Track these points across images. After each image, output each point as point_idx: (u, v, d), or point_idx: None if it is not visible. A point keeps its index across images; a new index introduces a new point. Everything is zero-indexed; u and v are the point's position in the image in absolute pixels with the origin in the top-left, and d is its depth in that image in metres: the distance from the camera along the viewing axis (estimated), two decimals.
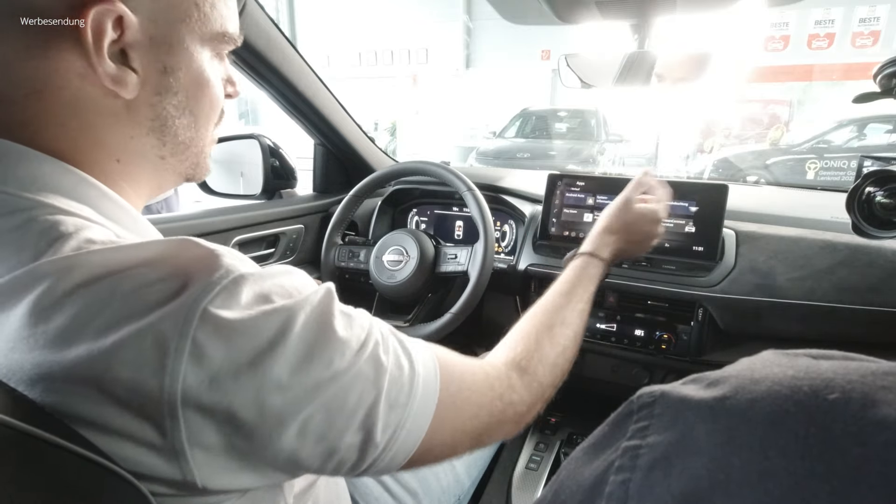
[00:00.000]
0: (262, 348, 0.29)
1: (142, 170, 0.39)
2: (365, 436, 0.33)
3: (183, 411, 0.27)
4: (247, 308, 0.29)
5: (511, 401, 0.44)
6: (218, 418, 0.28)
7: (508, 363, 0.48)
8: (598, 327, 0.96)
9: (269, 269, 0.32)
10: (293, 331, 0.30)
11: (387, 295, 0.93)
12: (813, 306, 0.78)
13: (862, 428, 0.15)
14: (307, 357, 0.30)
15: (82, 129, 0.35)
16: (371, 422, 0.33)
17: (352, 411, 0.32)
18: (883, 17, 6.59)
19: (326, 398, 0.31)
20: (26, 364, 0.27)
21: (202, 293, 0.28)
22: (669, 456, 0.18)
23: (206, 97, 0.40)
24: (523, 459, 0.95)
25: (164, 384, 0.26)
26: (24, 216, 0.31)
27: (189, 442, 0.27)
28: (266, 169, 1.10)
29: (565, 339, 0.55)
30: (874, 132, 4.98)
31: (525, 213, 1.05)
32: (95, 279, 0.28)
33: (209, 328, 0.27)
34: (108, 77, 0.34)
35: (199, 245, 0.31)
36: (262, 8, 0.85)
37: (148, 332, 0.27)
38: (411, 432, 0.35)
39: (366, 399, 0.33)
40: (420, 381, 0.36)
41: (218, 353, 0.27)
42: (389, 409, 0.34)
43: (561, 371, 0.53)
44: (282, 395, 0.29)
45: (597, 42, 1.09)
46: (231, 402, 0.28)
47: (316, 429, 0.31)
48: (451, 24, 9.11)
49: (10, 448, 0.23)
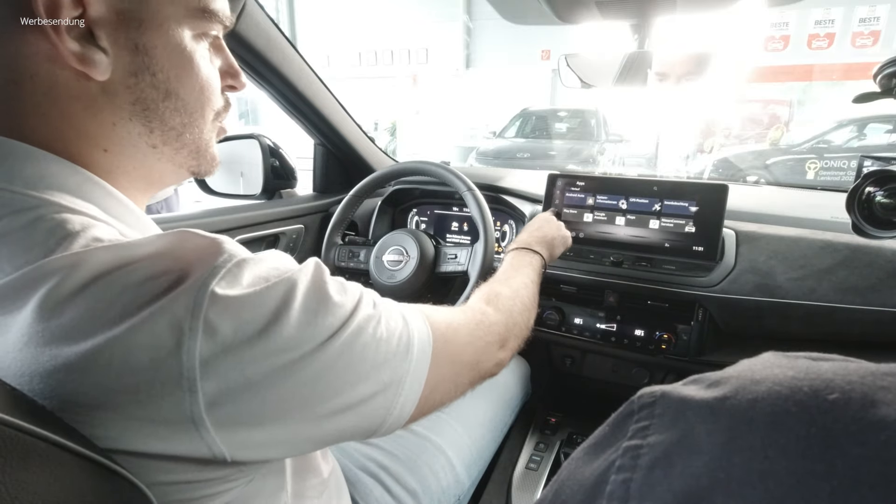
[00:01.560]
0: (268, 318, 0.30)
1: (134, 161, 0.38)
2: (374, 386, 0.35)
3: (202, 384, 0.28)
4: (250, 286, 0.31)
5: (490, 322, 0.51)
6: (235, 387, 0.29)
7: (477, 299, 0.57)
8: (598, 327, 0.96)
9: (262, 254, 0.34)
10: (295, 299, 0.32)
11: (387, 295, 0.92)
12: (813, 306, 0.79)
13: (862, 428, 0.15)
14: (309, 320, 0.32)
15: (63, 118, 0.34)
16: (377, 371, 0.35)
17: (357, 365, 0.34)
18: (883, 17, 6.59)
19: (332, 355, 0.33)
20: (42, 357, 0.27)
21: (209, 276, 0.29)
22: (670, 455, 0.18)
23: (191, 79, 0.38)
24: (523, 459, 0.95)
25: (183, 361, 0.28)
26: (31, 215, 0.31)
27: (208, 413, 0.28)
28: (266, 169, 1.10)
29: (516, 288, 0.63)
30: (874, 132, 4.98)
31: (525, 213, 1.05)
32: (105, 274, 0.29)
33: (219, 307, 0.29)
34: (73, 57, 0.32)
35: (200, 235, 0.32)
36: (262, 8, 0.85)
37: (162, 316, 0.28)
38: (415, 374, 0.38)
39: (368, 352, 0.35)
40: (413, 327, 0.39)
41: (229, 328, 0.29)
42: (392, 356, 0.36)
43: (521, 307, 0.60)
44: (291, 354, 0.31)
45: (597, 42, 1.09)
46: (245, 367, 0.29)
47: (326, 385, 0.33)
48: (451, 24, 9.11)
49: (10, 448, 0.23)
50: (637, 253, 0.93)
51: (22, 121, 0.34)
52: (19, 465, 0.23)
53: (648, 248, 0.92)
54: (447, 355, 0.42)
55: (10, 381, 0.28)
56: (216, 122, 0.44)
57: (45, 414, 0.27)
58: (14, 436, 0.23)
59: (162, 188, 0.44)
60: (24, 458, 0.23)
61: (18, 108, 0.34)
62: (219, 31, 0.41)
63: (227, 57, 0.44)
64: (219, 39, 0.43)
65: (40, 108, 0.34)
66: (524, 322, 0.60)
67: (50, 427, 0.25)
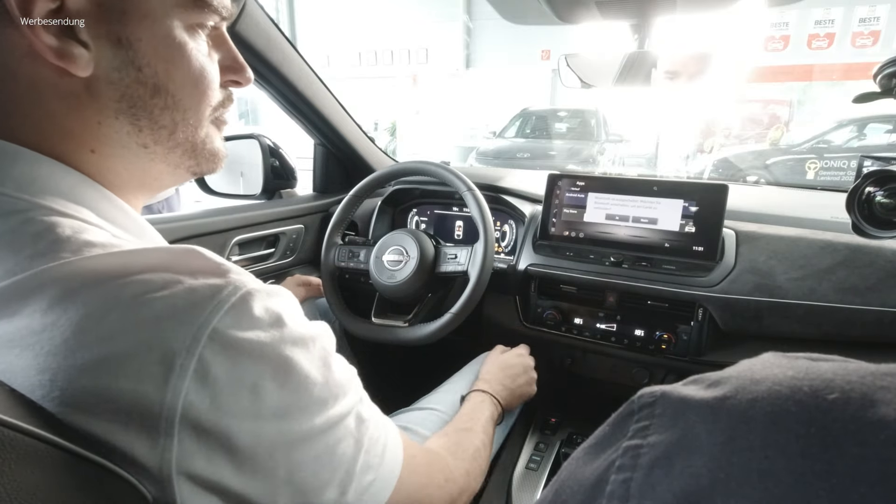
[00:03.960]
0: (266, 375, 0.29)
1: (124, 161, 0.36)
2: (340, 493, 0.33)
3: (180, 428, 0.26)
4: (255, 328, 0.29)
5: (449, 476, 0.49)
6: (212, 442, 0.27)
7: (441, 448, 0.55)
8: (598, 327, 0.96)
9: (274, 288, 0.32)
10: (300, 365, 0.30)
11: (387, 295, 0.93)
12: (813, 306, 0.79)
13: (861, 427, 0.15)
14: (308, 396, 0.31)
15: (46, 117, 0.33)
16: (348, 479, 0.34)
17: (336, 466, 0.33)
18: (883, 17, 6.59)
19: (318, 448, 0.31)
20: (31, 370, 0.27)
21: (213, 311, 0.28)
22: (670, 455, 0.18)
23: (181, 73, 0.36)
24: (523, 459, 0.95)
25: (166, 399, 0.26)
26: (20, 217, 0.30)
27: (178, 467, 0.27)
28: (266, 169, 1.10)
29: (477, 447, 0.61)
30: (874, 132, 4.98)
31: (525, 213, 1.05)
32: (97, 283, 0.27)
33: (217, 347, 0.27)
34: (50, 52, 0.30)
35: (206, 257, 0.31)
36: (262, 8, 0.85)
37: (155, 345, 0.26)
38: (377, 496, 0.37)
39: (348, 456, 0.34)
40: (389, 447, 0.38)
41: (222, 374, 0.27)
42: (366, 468, 0.35)
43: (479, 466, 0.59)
44: (278, 426, 0.29)
45: (597, 42, 1.09)
46: (229, 424, 0.28)
47: (301, 477, 0.31)
48: (451, 24, 9.11)
49: (10, 448, 0.23)
50: (637, 253, 0.93)
51: (9, 121, 0.33)
52: (18, 466, 0.23)
53: (648, 248, 0.92)
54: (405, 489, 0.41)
55: None
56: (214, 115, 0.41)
57: (45, 414, 0.26)
58: (13, 436, 0.23)
59: (160, 191, 0.42)
60: (24, 458, 0.23)
61: (4, 109, 0.32)
62: (217, 22, 0.38)
63: (229, 50, 0.41)
64: (219, 31, 0.40)
65: (23, 107, 0.32)
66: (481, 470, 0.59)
67: (49, 427, 0.25)
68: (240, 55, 0.42)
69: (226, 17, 0.38)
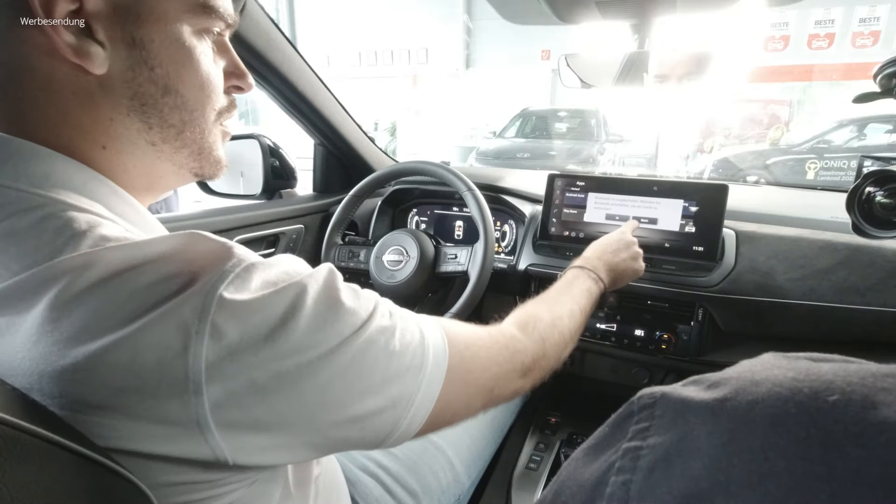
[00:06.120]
0: (276, 322, 0.30)
1: (133, 158, 0.38)
2: (383, 400, 0.34)
3: (207, 386, 0.28)
4: (258, 290, 0.30)
5: (516, 349, 0.48)
6: (239, 391, 0.29)
7: (510, 322, 0.52)
8: (598, 327, 0.96)
9: (274, 259, 0.34)
10: (304, 304, 0.32)
11: (387, 295, 0.92)
12: (813, 306, 0.78)
13: (862, 429, 0.15)
14: (319, 325, 0.32)
15: (60, 114, 0.34)
16: (387, 385, 0.34)
17: (367, 376, 0.33)
18: (883, 17, 6.59)
19: (341, 364, 0.32)
20: (51, 356, 0.27)
21: (218, 281, 0.29)
22: (670, 457, 0.18)
23: (190, 75, 0.38)
24: (523, 459, 0.95)
25: (189, 363, 0.28)
26: (38, 213, 0.31)
27: (213, 416, 0.28)
28: (266, 169, 1.10)
29: (560, 316, 0.57)
30: (874, 132, 4.97)
31: (525, 213, 1.05)
32: (114, 275, 0.29)
33: (226, 312, 0.29)
34: (69, 50, 0.32)
35: (210, 238, 0.32)
36: (262, 8, 0.85)
37: (170, 318, 0.28)
38: (427, 392, 0.37)
39: (379, 364, 0.34)
40: (430, 342, 0.38)
41: (235, 332, 0.29)
42: (405, 371, 0.36)
43: (559, 338, 0.55)
44: (297, 360, 0.30)
45: (597, 42, 1.09)
46: (250, 371, 0.29)
47: (334, 395, 0.32)
48: (451, 24, 9.10)
49: (10, 448, 0.23)
50: None
51: (24, 118, 0.34)
52: (19, 465, 0.23)
53: (648, 248, 0.92)
54: (462, 376, 0.40)
55: (19, 380, 0.28)
56: (219, 122, 0.43)
57: (46, 414, 0.27)
58: (14, 436, 0.23)
59: (164, 191, 0.44)
60: (25, 458, 0.23)
61: (19, 106, 0.34)
62: (222, 29, 0.41)
63: (232, 57, 0.43)
64: (223, 38, 0.42)
65: (39, 103, 0.34)
66: (556, 355, 0.54)
67: (50, 427, 0.25)
68: (241, 62, 0.44)
69: (230, 24, 0.41)
